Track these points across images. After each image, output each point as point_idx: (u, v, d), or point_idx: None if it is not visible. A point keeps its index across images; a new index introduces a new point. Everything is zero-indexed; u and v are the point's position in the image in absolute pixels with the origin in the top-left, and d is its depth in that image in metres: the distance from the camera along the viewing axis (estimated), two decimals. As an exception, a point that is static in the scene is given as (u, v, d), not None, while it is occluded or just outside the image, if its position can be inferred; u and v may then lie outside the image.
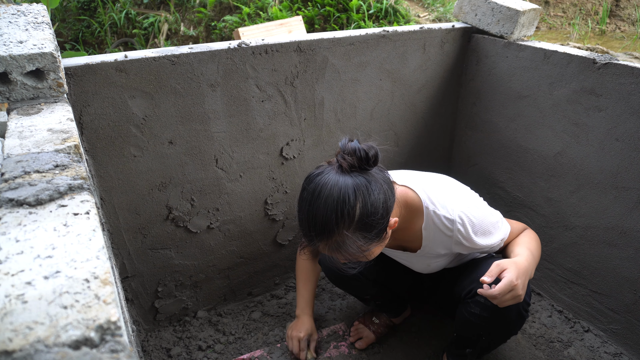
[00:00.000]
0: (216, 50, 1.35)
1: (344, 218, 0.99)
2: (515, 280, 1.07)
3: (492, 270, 1.09)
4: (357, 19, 4.94)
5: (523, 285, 1.10)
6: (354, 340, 1.63)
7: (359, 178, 1.02)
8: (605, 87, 1.41)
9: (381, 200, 1.03)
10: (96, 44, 5.96)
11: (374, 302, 1.60)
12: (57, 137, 0.80)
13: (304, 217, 1.04)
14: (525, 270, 1.12)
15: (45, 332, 0.41)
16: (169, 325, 1.71)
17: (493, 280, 1.08)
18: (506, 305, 1.10)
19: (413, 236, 1.28)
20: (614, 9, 6.89)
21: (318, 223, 1.01)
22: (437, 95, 1.85)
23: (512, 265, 1.10)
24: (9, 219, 0.58)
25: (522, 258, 1.16)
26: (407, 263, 1.42)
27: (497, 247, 1.25)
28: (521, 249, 1.21)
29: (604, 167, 1.48)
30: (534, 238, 1.28)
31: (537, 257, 1.23)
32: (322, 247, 1.05)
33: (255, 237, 1.73)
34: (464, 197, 1.24)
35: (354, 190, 1.00)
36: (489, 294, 1.07)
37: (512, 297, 1.08)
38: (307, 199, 1.03)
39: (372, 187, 1.02)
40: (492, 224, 1.22)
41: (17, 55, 0.91)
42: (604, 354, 1.57)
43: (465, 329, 1.31)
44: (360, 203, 1.00)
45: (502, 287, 1.06)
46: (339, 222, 1.00)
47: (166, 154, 1.42)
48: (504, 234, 1.25)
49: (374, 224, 1.03)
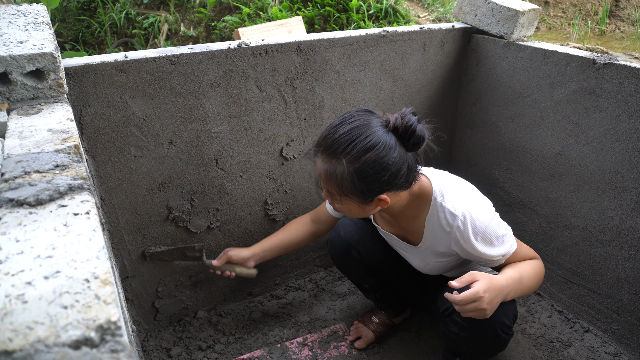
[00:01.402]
0: (216, 50, 1.35)
1: (352, 152, 1.03)
2: (482, 292, 1.04)
3: (463, 277, 1.08)
4: (357, 19, 4.94)
5: (490, 300, 1.06)
6: (353, 339, 1.63)
7: (391, 139, 1.04)
8: (605, 88, 1.42)
9: (391, 170, 1.04)
10: (96, 44, 5.96)
11: (373, 295, 1.60)
12: (57, 137, 0.80)
13: (328, 128, 1.09)
14: (498, 288, 1.09)
15: (46, 332, 0.41)
16: (169, 325, 1.71)
17: (462, 287, 1.07)
18: (468, 315, 1.08)
19: (416, 226, 1.27)
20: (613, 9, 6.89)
21: (331, 139, 1.06)
22: (437, 96, 1.85)
23: (485, 279, 1.07)
24: (9, 219, 0.58)
25: (503, 277, 1.12)
26: (408, 257, 1.42)
27: (496, 261, 1.21)
28: (512, 271, 1.17)
29: (603, 167, 1.48)
30: (536, 269, 1.22)
31: (526, 285, 1.18)
32: (319, 161, 1.10)
33: (256, 237, 1.73)
34: (476, 200, 1.21)
35: (378, 142, 1.03)
36: (452, 298, 1.06)
37: (475, 309, 1.06)
38: (344, 117, 1.08)
39: (393, 154, 1.04)
40: (496, 235, 1.17)
41: (17, 56, 0.91)
42: (604, 354, 1.57)
43: (448, 344, 1.32)
44: (373, 153, 1.02)
45: (465, 295, 1.04)
46: (345, 150, 1.04)
47: (166, 154, 1.42)
48: (506, 250, 1.19)
49: (369, 179, 1.05)
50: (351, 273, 1.55)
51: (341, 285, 1.91)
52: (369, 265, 1.49)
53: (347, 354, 1.59)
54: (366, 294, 1.63)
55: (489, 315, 1.08)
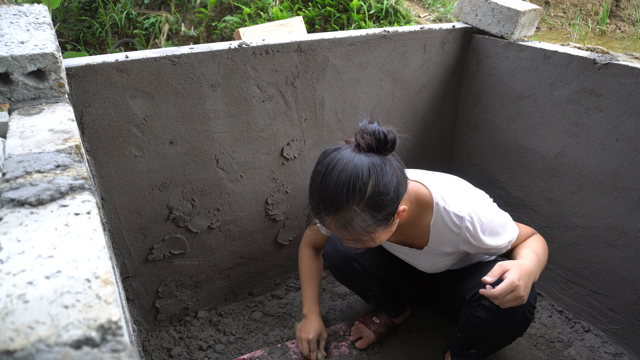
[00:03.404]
0: (217, 50, 1.35)
1: (355, 193, 1.00)
2: (517, 281, 1.07)
3: (494, 271, 1.09)
4: (357, 19, 4.94)
5: (525, 286, 1.09)
6: (354, 339, 1.63)
7: (375, 158, 1.03)
8: (606, 88, 1.42)
9: (394, 183, 1.04)
10: (97, 45, 5.97)
11: (374, 300, 1.60)
12: (58, 137, 0.81)
13: (315, 190, 1.04)
14: (528, 272, 1.11)
15: (47, 332, 0.41)
16: (170, 325, 1.72)
17: (495, 280, 1.08)
18: (508, 306, 1.09)
19: (421, 232, 1.28)
20: (614, 10, 6.88)
21: (329, 196, 1.01)
22: (437, 96, 1.85)
23: (515, 266, 1.10)
24: (10, 219, 0.58)
25: (527, 260, 1.15)
26: (412, 261, 1.41)
27: (504, 249, 1.25)
28: (527, 251, 1.21)
29: (604, 167, 1.48)
30: (541, 243, 1.27)
31: (543, 261, 1.22)
32: (330, 222, 1.05)
33: (256, 237, 1.73)
34: (474, 197, 1.25)
35: (369, 168, 1.01)
36: (491, 293, 1.07)
37: (514, 298, 1.08)
38: (320, 171, 1.04)
39: (386, 169, 1.03)
40: (500, 225, 1.22)
41: (18, 56, 0.91)
42: (604, 354, 1.57)
43: (470, 332, 1.31)
44: (373, 181, 1.01)
45: (503, 288, 1.06)
46: (349, 196, 1.00)
47: (167, 154, 1.42)
48: (511, 236, 1.24)
49: (384, 204, 1.03)
50: (353, 284, 1.55)
51: (341, 285, 1.91)
52: (372, 275, 1.49)
53: (348, 354, 1.59)
54: (367, 300, 1.64)
55: (526, 300, 1.10)
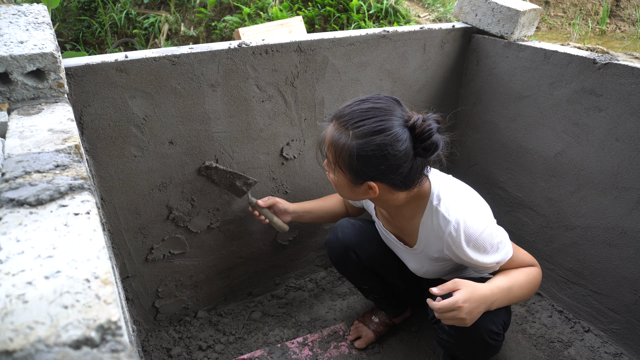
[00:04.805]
0: (216, 50, 1.35)
1: (361, 127, 1.04)
2: (461, 302, 1.04)
3: (446, 285, 1.08)
4: (357, 19, 4.94)
5: (470, 310, 1.06)
6: (353, 338, 1.63)
7: (404, 134, 1.04)
8: (606, 87, 1.42)
9: (389, 161, 1.04)
10: (97, 44, 5.97)
11: (372, 296, 1.61)
12: (58, 137, 0.81)
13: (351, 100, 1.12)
14: (481, 297, 1.08)
15: (46, 332, 0.41)
16: (170, 325, 1.71)
17: (444, 295, 1.08)
18: (448, 323, 1.09)
19: (411, 228, 1.27)
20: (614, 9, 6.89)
21: (349, 110, 1.08)
22: (437, 96, 1.85)
23: (468, 287, 1.07)
24: (9, 219, 0.58)
25: (489, 287, 1.12)
26: (404, 258, 1.42)
27: (490, 268, 1.19)
28: (502, 279, 1.16)
29: (604, 167, 1.48)
30: (529, 277, 1.19)
31: (515, 295, 1.16)
32: (330, 126, 1.12)
33: (256, 237, 1.73)
34: (473, 208, 1.17)
35: (389, 130, 1.03)
36: (431, 305, 1.07)
37: (453, 318, 1.06)
38: (369, 96, 1.11)
39: (399, 147, 1.03)
40: (490, 243, 1.14)
41: (17, 56, 0.91)
42: (604, 354, 1.57)
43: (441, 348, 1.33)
44: (379, 137, 1.03)
45: (443, 304, 1.05)
46: (356, 124, 1.05)
47: (166, 154, 1.42)
48: (501, 257, 1.16)
49: (366, 162, 1.05)
50: (350, 274, 1.55)
51: (341, 285, 1.91)
52: (367, 267, 1.49)
53: (348, 354, 1.59)
54: (366, 294, 1.63)
55: (469, 324, 1.08)
